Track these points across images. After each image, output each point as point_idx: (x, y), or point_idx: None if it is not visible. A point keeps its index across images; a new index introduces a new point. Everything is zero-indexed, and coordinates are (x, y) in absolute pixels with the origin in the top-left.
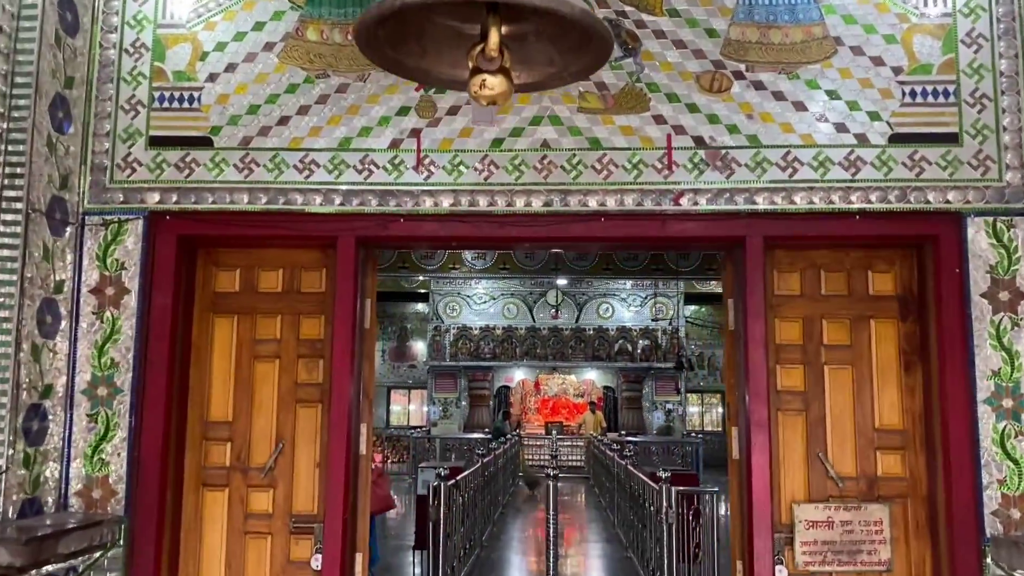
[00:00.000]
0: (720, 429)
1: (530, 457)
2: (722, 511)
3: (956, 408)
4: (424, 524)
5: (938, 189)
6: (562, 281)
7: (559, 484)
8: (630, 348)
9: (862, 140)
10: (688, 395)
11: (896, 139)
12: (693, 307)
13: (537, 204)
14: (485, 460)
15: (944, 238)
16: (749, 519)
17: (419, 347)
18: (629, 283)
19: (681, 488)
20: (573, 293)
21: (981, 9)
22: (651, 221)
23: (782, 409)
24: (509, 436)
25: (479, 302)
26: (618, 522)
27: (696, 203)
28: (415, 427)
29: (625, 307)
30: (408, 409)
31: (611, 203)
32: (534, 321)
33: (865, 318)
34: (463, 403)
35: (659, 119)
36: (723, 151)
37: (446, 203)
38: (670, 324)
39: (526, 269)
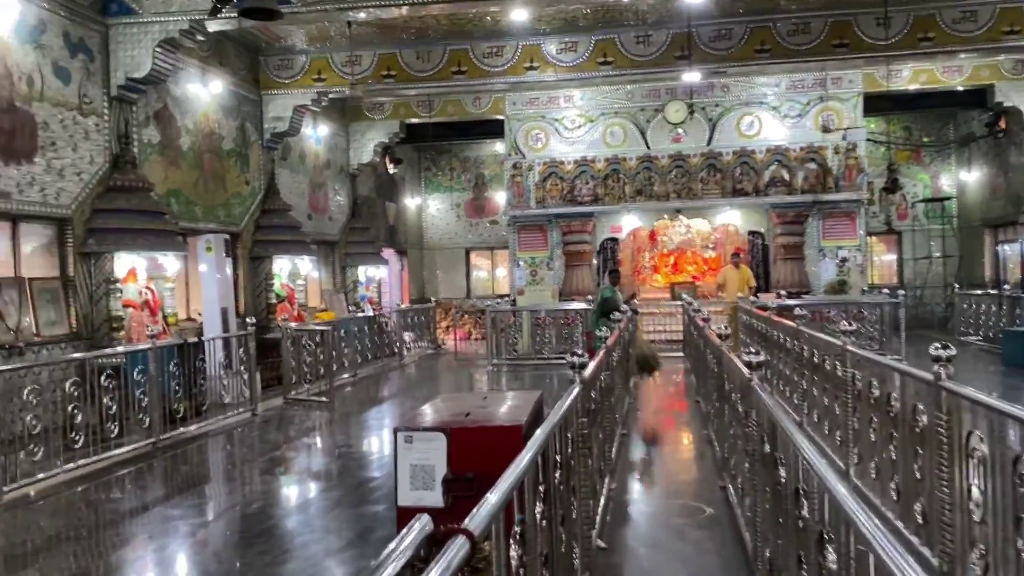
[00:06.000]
0: (896, 282)
1: (650, 329)
2: None
3: None
4: None
5: None
6: (693, 76)
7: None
8: (787, 176)
9: None
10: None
11: None
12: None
13: None
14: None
15: None
16: None
17: (500, 199)
18: (783, 82)
19: None
20: (703, 104)
21: None
22: None
23: None
24: (625, 310)
25: (571, 126)
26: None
27: None
28: (503, 296)
29: (778, 118)
30: (493, 275)
31: None
32: (648, 147)
33: None
34: (556, 263)
35: None
36: None
37: None
38: (844, 139)
39: (638, 60)
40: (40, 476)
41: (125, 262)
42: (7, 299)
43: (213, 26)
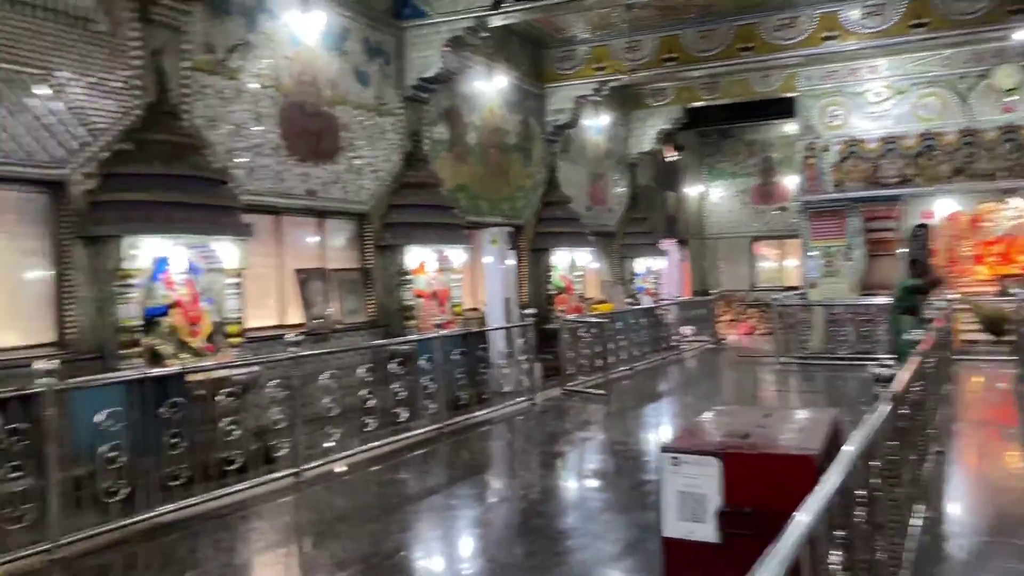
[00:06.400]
0: None
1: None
2: None
3: None
4: None
5: None
6: None
7: None
8: None
9: None
10: None
11: None
12: None
13: None
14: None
15: None
16: None
17: (790, 183)
18: None
19: None
20: None
21: None
22: None
23: None
24: (943, 306)
25: (876, 100)
26: None
27: None
28: (793, 288)
29: None
30: (782, 265)
31: None
32: (969, 119)
33: None
34: (856, 252)
35: None
36: None
37: None
38: None
39: (960, 19)
40: (335, 457)
41: (416, 255)
42: (314, 289)
43: (495, 21)
